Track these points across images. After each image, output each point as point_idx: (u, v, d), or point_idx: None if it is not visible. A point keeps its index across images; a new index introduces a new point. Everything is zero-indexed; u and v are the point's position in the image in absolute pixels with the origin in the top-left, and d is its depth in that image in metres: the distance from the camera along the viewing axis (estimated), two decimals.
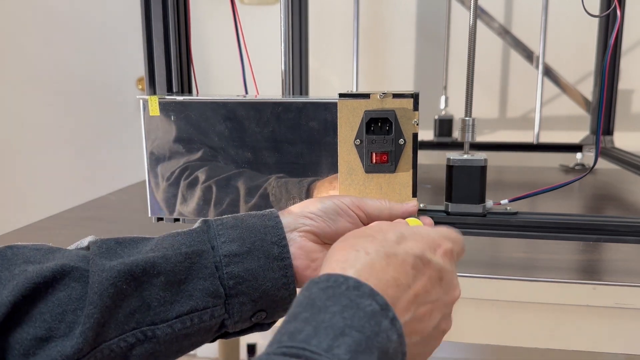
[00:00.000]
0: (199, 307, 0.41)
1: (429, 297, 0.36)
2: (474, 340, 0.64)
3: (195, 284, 0.41)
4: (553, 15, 1.19)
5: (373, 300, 0.31)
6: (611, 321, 0.60)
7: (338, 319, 0.30)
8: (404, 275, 0.35)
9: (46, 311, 0.37)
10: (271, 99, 0.60)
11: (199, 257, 0.42)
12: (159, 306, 0.40)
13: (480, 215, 0.60)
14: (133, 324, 0.39)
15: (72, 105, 1.65)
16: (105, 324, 0.38)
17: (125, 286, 0.39)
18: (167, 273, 0.41)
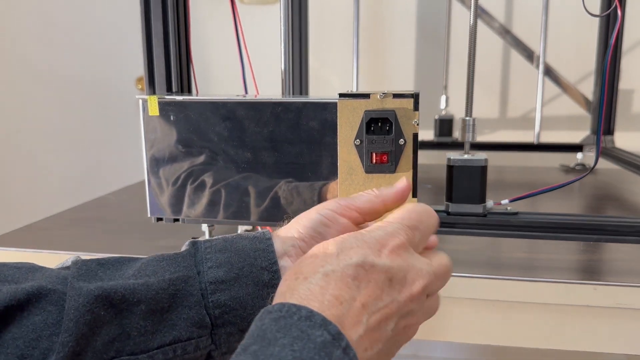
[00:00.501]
0: (182, 337, 0.39)
1: (381, 302, 0.35)
2: (474, 341, 0.64)
3: (180, 313, 0.39)
4: (553, 14, 1.19)
5: (325, 331, 0.30)
6: (612, 321, 0.60)
7: (287, 352, 0.29)
8: (345, 289, 0.34)
9: (19, 336, 0.35)
10: (271, 99, 0.60)
11: (184, 283, 0.40)
12: (139, 336, 0.38)
13: (480, 215, 0.60)
14: (112, 352, 0.37)
15: (72, 105, 1.65)
16: (82, 352, 0.36)
17: (103, 312, 0.37)
18: (148, 301, 0.38)
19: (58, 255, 0.71)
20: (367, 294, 0.34)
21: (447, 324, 0.63)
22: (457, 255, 0.67)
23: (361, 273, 0.35)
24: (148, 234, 0.79)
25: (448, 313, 0.63)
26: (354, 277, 0.34)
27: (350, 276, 0.34)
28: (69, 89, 1.64)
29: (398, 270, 0.36)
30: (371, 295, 0.34)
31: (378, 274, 0.35)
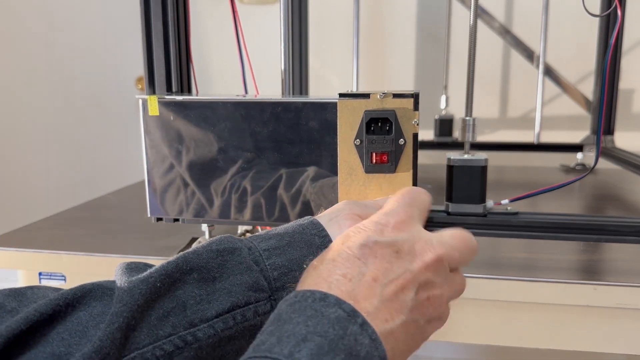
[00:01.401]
0: (240, 303, 0.38)
1: (393, 274, 0.35)
2: (474, 341, 0.64)
3: (233, 280, 0.38)
4: (554, 14, 1.19)
5: (339, 308, 0.31)
6: (612, 321, 0.60)
7: (301, 327, 0.29)
8: (351, 268, 0.34)
9: (64, 330, 0.34)
10: (271, 99, 0.60)
11: (231, 254, 0.39)
12: (195, 304, 0.37)
13: (480, 215, 0.60)
14: (168, 328, 0.35)
15: (72, 105, 1.65)
16: (137, 327, 0.35)
17: (159, 284, 0.36)
18: (199, 269, 0.38)
19: (58, 255, 0.71)
20: (376, 268, 0.35)
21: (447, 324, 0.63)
22: None
23: (366, 252, 0.35)
24: (148, 234, 0.79)
25: None
26: (359, 257, 0.35)
27: (355, 256, 0.35)
28: (68, 89, 1.64)
29: (404, 242, 0.37)
30: (380, 268, 0.35)
31: (384, 249, 0.36)
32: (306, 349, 0.28)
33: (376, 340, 0.31)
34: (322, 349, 0.28)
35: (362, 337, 0.30)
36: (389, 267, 0.35)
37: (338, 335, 0.29)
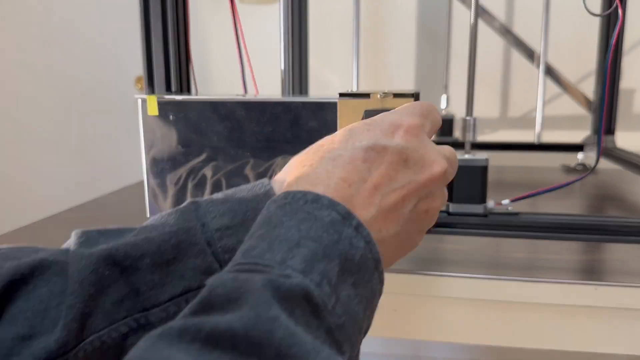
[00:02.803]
0: (192, 286, 0.38)
1: (396, 183, 0.33)
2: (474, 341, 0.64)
3: (186, 263, 0.38)
4: (554, 14, 1.19)
5: (333, 211, 0.29)
6: (613, 322, 0.60)
7: (294, 232, 0.28)
8: (354, 172, 0.32)
9: (27, 309, 0.35)
10: (271, 99, 0.60)
11: (186, 234, 0.39)
12: (148, 290, 0.37)
13: (481, 215, 0.60)
14: (123, 312, 0.36)
15: (71, 105, 1.65)
16: (92, 314, 0.36)
17: (107, 272, 0.36)
18: (151, 254, 0.38)
19: None
20: (380, 175, 0.33)
21: (448, 324, 0.63)
22: (458, 255, 0.67)
23: (372, 155, 0.33)
24: None
25: (449, 313, 0.62)
26: (364, 160, 0.33)
27: (360, 159, 0.33)
28: (67, 89, 1.64)
29: (414, 151, 0.35)
30: (384, 176, 0.33)
31: (392, 155, 0.34)
32: (299, 255, 0.27)
33: (370, 243, 0.30)
34: (317, 255, 0.27)
35: (357, 240, 0.29)
36: (394, 175, 0.33)
37: (333, 240, 0.28)
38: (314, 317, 0.26)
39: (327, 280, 0.27)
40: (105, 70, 1.61)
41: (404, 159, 0.34)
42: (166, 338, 0.23)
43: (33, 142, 1.70)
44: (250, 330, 0.23)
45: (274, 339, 0.23)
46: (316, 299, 0.26)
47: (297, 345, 0.23)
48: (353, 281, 0.29)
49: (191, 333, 0.23)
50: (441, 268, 0.61)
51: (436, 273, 0.60)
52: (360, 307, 0.29)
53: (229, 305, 0.25)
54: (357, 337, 0.29)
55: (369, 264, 0.30)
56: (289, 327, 0.24)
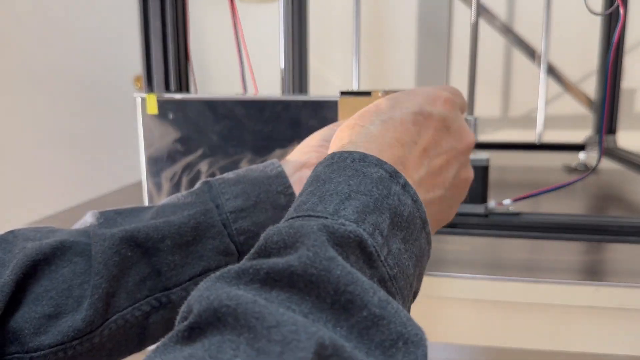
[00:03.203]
0: (211, 267, 0.40)
1: (441, 148, 0.35)
2: (474, 342, 0.63)
3: (205, 244, 0.40)
4: (556, 13, 1.18)
5: (380, 169, 0.30)
6: (614, 322, 0.59)
7: (343, 187, 0.29)
8: (406, 133, 0.34)
9: (52, 288, 0.36)
10: (271, 98, 0.60)
11: (204, 216, 0.40)
12: (169, 271, 0.39)
13: (482, 215, 0.59)
14: (145, 291, 0.38)
15: (69, 104, 1.65)
16: (115, 294, 0.37)
17: (130, 253, 0.38)
18: (172, 236, 0.39)
19: None
20: (428, 139, 0.34)
21: (449, 325, 0.62)
22: (459, 255, 0.67)
23: (420, 119, 0.34)
24: None
25: (449, 314, 0.62)
26: (414, 123, 0.34)
27: (410, 122, 0.34)
28: (66, 88, 1.64)
29: (453, 121, 0.36)
30: (431, 140, 0.34)
31: (437, 122, 0.35)
32: (351, 206, 0.27)
33: (417, 202, 0.30)
34: (368, 207, 0.28)
35: (405, 197, 0.30)
36: (439, 140, 0.35)
37: (382, 194, 0.29)
38: (367, 265, 0.26)
39: (379, 231, 0.27)
40: (104, 69, 1.61)
41: (447, 126, 0.36)
42: (225, 279, 0.24)
43: (31, 141, 1.70)
44: (309, 269, 0.23)
45: (332, 277, 0.23)
46: (370, 247, 0.26)
47: (355, 284, 0.23)
48: (403, 236, 0.29)
49: (249, 274, 0.24)
50: (442, 268, 0.61)
51: (437, 273, 0.60)
52: (411, 263, 0.29)
53: (286, 250, 0.25)
54: (408, 293, 0.29)
55: (417, 222, 0.30)
56: (346, 267, 0.24)
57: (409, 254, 0.29)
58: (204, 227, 0.40)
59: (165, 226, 0.39)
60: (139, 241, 0.38)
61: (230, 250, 0.41)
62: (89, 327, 0.35)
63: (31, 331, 0.35)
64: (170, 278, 0.39)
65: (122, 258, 0.37)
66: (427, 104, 0.35)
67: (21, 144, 1.71)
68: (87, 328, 0.35)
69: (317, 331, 0.20)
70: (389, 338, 0.23)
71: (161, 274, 0.39)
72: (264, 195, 0.42)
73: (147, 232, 0.39)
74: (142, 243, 0.38)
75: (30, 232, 0.40)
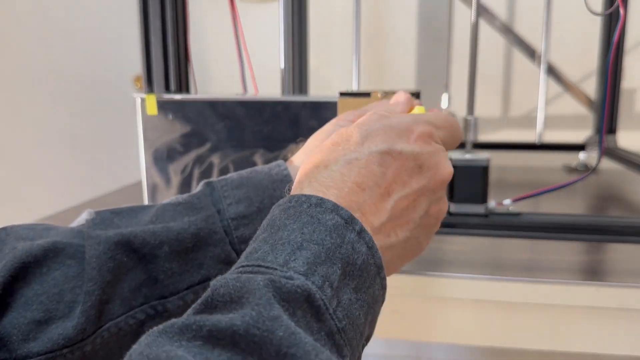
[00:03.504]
0: (211, 275, 0.38)
1: (409, 189, 0.33)
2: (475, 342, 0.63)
3: (205, 252, 0.38)
4: (556, 13, 1.18)
5: (336, 215, 0.29)
6: (614, 323, 0.59)
7: (296, 235, 0.28)
8: (368, 177, 0.32)
9: (42, 292, 0.34)
10: (271, 98, 0.60)
11: (205, 222, 0.39)
12: (166, 278, 0.37)
13: (482, 215, 0.59)
14: (141, 299, 0.37)
15: (69, 104, 1.65)
16: (109, 300, 0.36)
17: (125, 258, 0.36)
18: (170, 242, 0.38)
19: None
20: (393, 181, 0.33)
21: (449, 325, 0.62)
22: (459, 256, 0.67)
23: (387, 160, 0.33)
24: None
25: (450, 314, 0.62)
26: (380, 164, 0.32)
27: (375, 163, 0.32)
28: (65, 88, 1.64)
29: (428, 157, 0.34)
30: (397, 182, 0.33)
31: (406, 161, 0.33)
32: (302, 257, 0.27)
33: (372, 248, 0.30)
34: (319, 258, 0.27)
35: (359, 245, 0.29)
36: (407, 181, 0.33)
37: (335, 244, 0.28)
38: (315, 319, 0.26)
39: (329, 283, 0.27)
40: (104, 69, 1.61)
41: (419, 164, 0.34)
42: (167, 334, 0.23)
43: (31, 141, 1.70)
44: (251, 329, 0.23)
45: (275, 338, 0.23)
46: (318, 301, 0.26)
47: (297, 345, 0.23)
48: (355, 286, 0.28)
49: (193, 330, 0.23)
50: (442, 269, 0.61)
51: (437, 274, 0.60)
52: (362, 312, 0.29)
53: (231, 304, 0.25)
54: (358, 342, 0.29)
55: (370, 270, 0.29)
56: (290, 327, 0.23)
57: (360, 302, 0.29)
58: (205, 234, 0.39)
59: (163, 232, 0.38)
60: (135, 246, 0.37)
61: (232, 258, 0.39)
62: (80, 335, 0.34)
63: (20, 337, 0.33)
64: (167, 286, 0.38)
65: (117, 263, 0.36)
66: (399, 140, 0.34)
67: (21, 144, 1.70)
68: (79, 336, 0.34)
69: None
70: None
71: (158, 281, 0.37)
72: (267, 201, 0.40)
73: (144, 237, 0.37)
74: (138, 248, 0.37)
75: (24, 230, 0.38)
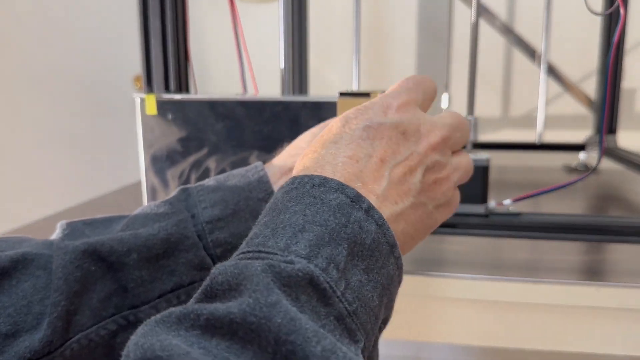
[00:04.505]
0: (184, 282, 0.37)
1: (400, 156, 0.33)
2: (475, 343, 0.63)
3: (177, 258, 0.37)
4: (556, 13, 1.18)
5: (341, 194, 0.28)
6: (615, 323, 0.59)
7: (298, 217, 0.27)
8: (357, 149, 0.32)
9: (9, 304, 0.33)
10: (270, 98, 0.60)
11: (176, 227, 0.37)
12: (136, 287, 0.36)
13: (482, 215, 0.59)
14: (111, 309, 0.35)
15: (69, 104, 1.65)
16: (77, 311, 0.34)
17: (93, 267, 0.35)
18: (138, 249, 0.36)
19: None
20: (383, 149, 0.32)
21: (449, 325, 0.62)
22: (459, 256, 0.67)
23: (371, 132, 0.33)
24: None
25: (450, 314, 0.62)
26: (365, 137, 0.32)
27: (359, 137, 0.32)
28: (65, 88, 1.63)
29: (409, 124, 0.34)
30: (387, 150, 0.32)
31: (389, 130, 0.33)
32: (304, 240, 0.26)
33: (383, 226, 0.28)
34: (322, 239, 0.26)
35: (368, 223, 0.28)
36: (396, 148, 0.33)
37: (340, 224, 0.27)
38: (321, 303, 0.25)
39: (334, 265, 0.26)
40: (103, 69, 1.61)
41: (402, 131, 0.34)
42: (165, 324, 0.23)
43: (31, 141, 1.70)
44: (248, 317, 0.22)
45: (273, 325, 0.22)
46: (323, 284, 0.25)
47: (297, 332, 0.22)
48: (365, 267, 0.27)
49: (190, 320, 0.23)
50: (442, 269, 0.61)
51: (437, 274, 0.60)
52: (375, 294, 0.27)
53: (230, 292, 0.24)
54: (373, 326, 0.27)
55: (382, 249, 0.28)
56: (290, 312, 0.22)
57: (373, 284, 0.27)
58: (176, 240, 0.37)
59: (131, 238, 0.37)
60: (103, 255, 0.36)
61: (206, 263, 0.38)
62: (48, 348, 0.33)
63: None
64: (137, 295, 0.36)
65: (84, 273, 0.35)
66: (376, 116, 0.34)
67: (21, 144, 1.70)
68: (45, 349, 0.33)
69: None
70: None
71: (128, 290, 0.36)
72: (243, 203, 0.39)
73: (112, 244, 0.36)
74: (105, 257, 0.36)
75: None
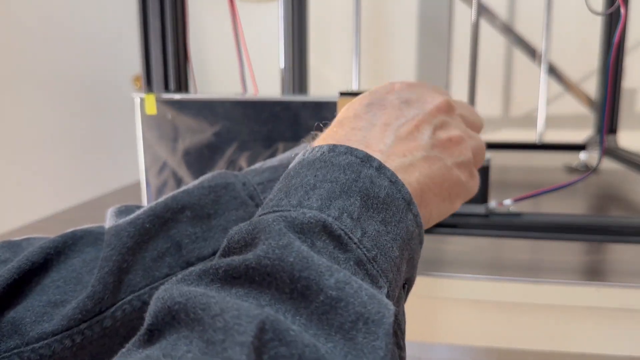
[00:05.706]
0: None
1: (403, 119, 0.33)
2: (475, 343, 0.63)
3: (228, 216, 0.37)
4: (556, 12, 1.18)
5: (350, 155, 0.29)
6: (615, 323, 0.59)
7: (309, 179, 0.28)
8: (361, 121, 0.33)
9: (59, 278, 0.33)
10: (270, 98, 0.60)
11: (225, 189, 0.38)
12: (190, 243, 0.36)
13: (483, 215, 0.59)
14: (165, 269, 0.35)
15: (69, 104, 1.65)
16: (130, 270, 0.34)
17: (147, 225, 0.35)
18: (192, 207, 0.36)
19: None
20: (387, 116, 0.33)
21: (450, 325, 0.62)
22: (459, 256, 0.67)
23: (374, 107, 0.34)
24: None
25: (450, 315, 0.62)
26: (368, 112, 0.33)
27: (363, 112, 0.33)
28: (64, 87, 1.63)
29: (411, 94, 0.35)
30: (391, 115, 0.33)
31: (392, 101, 0.34)
32: (315, 195, 0.27)
33: (397, 182, 0.29)
34: (334, 193, 0.27)
35: (380, 179, 0.28)
36: (400, 113, 0.33)
37: (350, 179, 0.27)
38: (339, 250, 0.25)
39: (347, 214, 0.26)
40: (103, 69, 1.61)
41: (405, 101, 0.34)
42: (186, 281, 0.23)
43: (29, 141, 1.70)
44: (262, 260, 0.22)
45: (286, 264, 0.22)
46: (337, 230, 0.25)
47: (310, 268, 0.22)
48: (382, 218, 0.27)
49: (210, 274, 0.23)
50: (442, 269, 0.61)
51: (437, 274, 0.60)
52: (395, 245, 0.27)
53: (246, 248, 0.25)
54: (396, 277, 0.27)
55: (398, 203, 0.28)
56: (302, 251, 0.23)
57: (392, 235, 0.28)
58: (225, 201, 0.37)
59: (184, 196, 0.37)
60: (157, 212, 0.35)
61: None
62: (98, 306, 0.32)
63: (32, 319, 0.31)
64: (192, 251, 0.36)
65: (137, 229, 0.34)
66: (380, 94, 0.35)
67: (21, 144, 1.70)
68: (96, 307, 0.32)
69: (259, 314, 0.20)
70: (348, 320, 0.22)
71: (182, 247, 0.35)
72: None
73: (165, 201, 0.36)
74: (160, 214, 0.35)
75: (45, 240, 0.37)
